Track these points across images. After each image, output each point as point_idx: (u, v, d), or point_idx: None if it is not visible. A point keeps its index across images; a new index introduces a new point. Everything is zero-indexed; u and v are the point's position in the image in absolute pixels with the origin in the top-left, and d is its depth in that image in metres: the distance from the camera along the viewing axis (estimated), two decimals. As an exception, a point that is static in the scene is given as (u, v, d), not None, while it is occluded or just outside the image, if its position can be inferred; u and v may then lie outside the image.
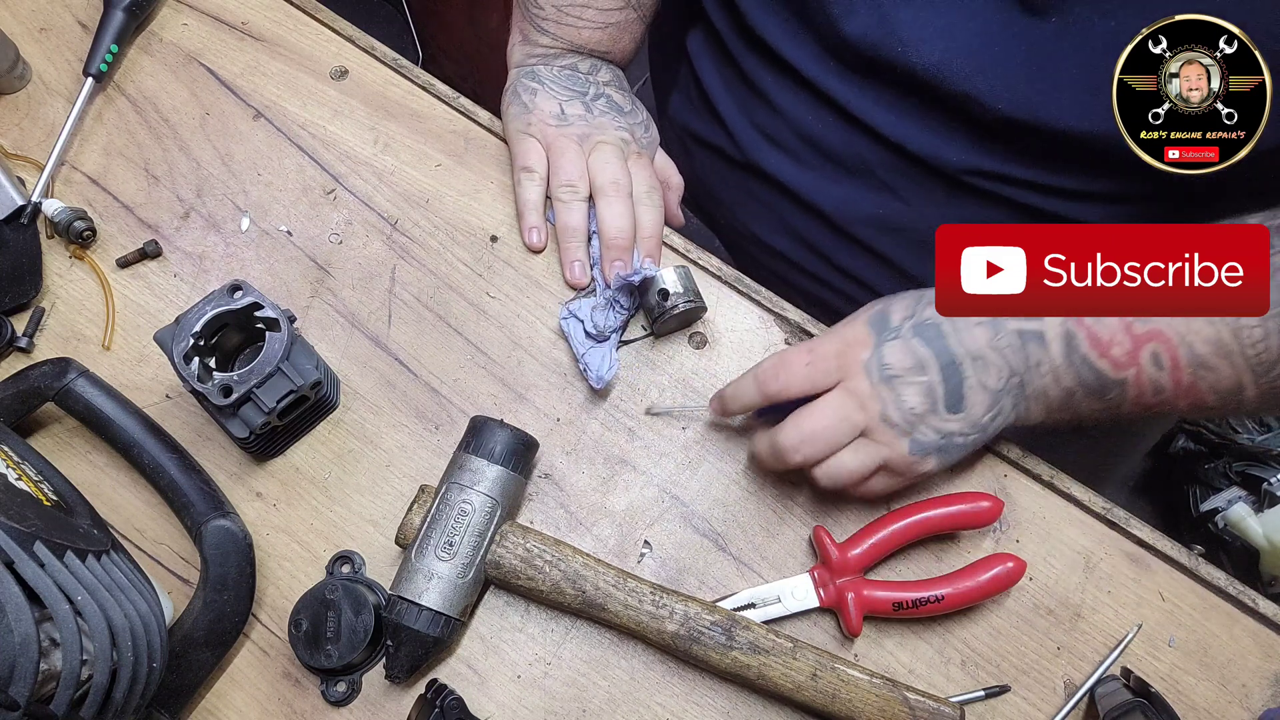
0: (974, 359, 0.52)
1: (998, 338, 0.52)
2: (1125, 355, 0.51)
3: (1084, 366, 0.52)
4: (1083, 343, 0.52)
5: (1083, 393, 0.53)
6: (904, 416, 0.52)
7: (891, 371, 0.52)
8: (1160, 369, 0.51)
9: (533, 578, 0.54)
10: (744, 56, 0.71)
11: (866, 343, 0.53)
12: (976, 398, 0.52)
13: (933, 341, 0.52)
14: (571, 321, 0.63)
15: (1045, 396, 0.54)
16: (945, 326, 0.53)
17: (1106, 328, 0.51)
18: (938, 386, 0.52)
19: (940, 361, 0.52)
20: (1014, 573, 0.54)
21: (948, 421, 0.52)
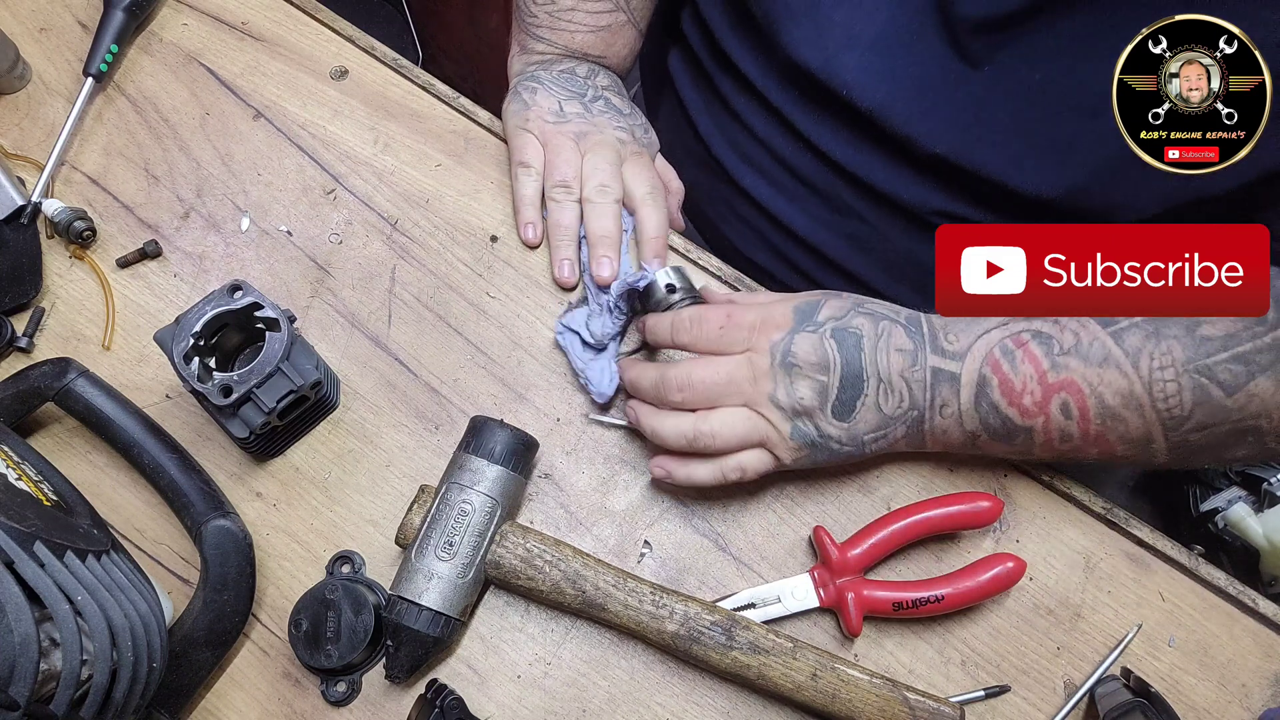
0: (880, 380, 0.53)
1: (912, 369, 0.53)
2: (1035, 404, 0.51)
3: (991, 413, 0.52)
4: (994, 389, 0.52)
5: (988, 436, 0.54)
6: (791, 403, 0.53)
7: (794, 361, 0.53)
8: (1069, 418, 0.51)
9: (533, 578, 0.54)
10: (719, 78, 0.73)
11: (783, 326, 0.54)
12: (866, 415, 0.53)
13: (847, 349, 0.53)
14: (568, 336, 0.62)
15: (945, 434, 0.54)
16: (866, 341, 0.53)
17: (1020, 375, 0.52)
18: (832, 390, 0.53)
19: (845, 370, 0.53)
20: (1014, 573, 0.54)
21: (830, 425, 0.53)
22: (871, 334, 0.53)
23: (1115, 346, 0.50)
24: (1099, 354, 0.50)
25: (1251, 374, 0.48)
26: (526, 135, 0.67)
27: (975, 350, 0.53)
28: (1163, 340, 0.50)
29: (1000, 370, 0.52)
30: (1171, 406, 0.50)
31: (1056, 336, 0.52)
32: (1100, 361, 0.50)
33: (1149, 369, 0.50)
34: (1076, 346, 0.51)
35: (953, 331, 0.54)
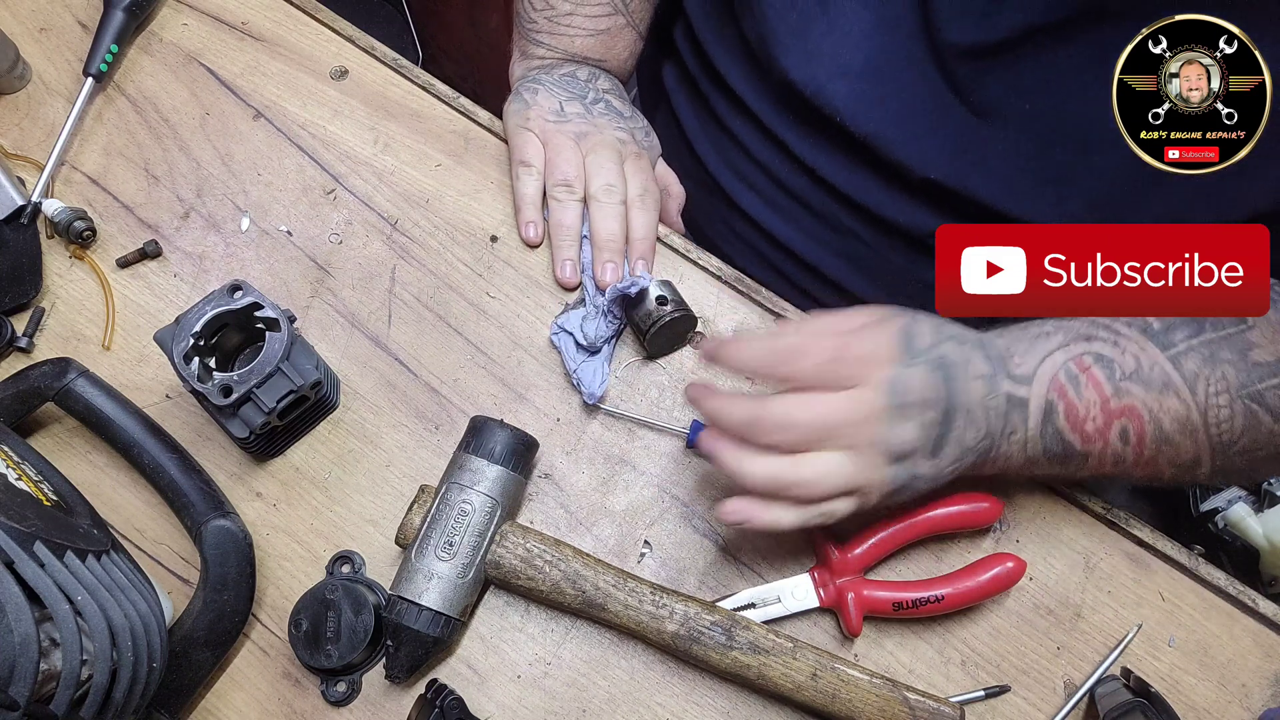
0: (967, 412, 0.49)
1: (990, 397, 0.50)
2: (1096, 430, 0.50)
3: (1054, 438, 0.51)
4: (1060, 416, 0.50)
5: (1045, 460, 0.52)
6: (899, 448, 0.48)
7: (907, 400, 0.48)
8: (1126, 444, 0.51)
9: (533, 578, 0.54)
10: (714, 99, 0.74)
11: (895, 359, 0.49)
12: (951, 450, 0.50)
13: (948, 382, 0.49)
14: (562, 336, 0.62)
15: (1007, 461, 0.52)
16: (957, 370, 0.49)
17: (1085, 401, 0.50)
18: (933, 429, 0.49)
19: (945, 405, 0.49)
20: (1014, 573, 0.54)
21: (923, 464, 0.49)
22: (961, 362, 0.50)
23: (1174, 372, 0.50)
24: (1159, 380, 0.50)
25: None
26: (527, 134, 0.67)
27: (1042, 374, 0.51)
28: (1218, 365, 0.49)
29: (1066, 396, 0.50)
30: (1223, 431, 0.50)
31: (1118, 360, 0.50)
32: (1161, 388, 0.50)
33: (1205, 395, 0.49)
34: (1138, 372, 0.50)
35: (1018, 353, 0.51)
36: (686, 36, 0.75)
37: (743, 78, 0.69)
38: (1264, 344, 0.50)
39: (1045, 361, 0.51)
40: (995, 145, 0.58)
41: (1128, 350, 0.51)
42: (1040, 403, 0.50)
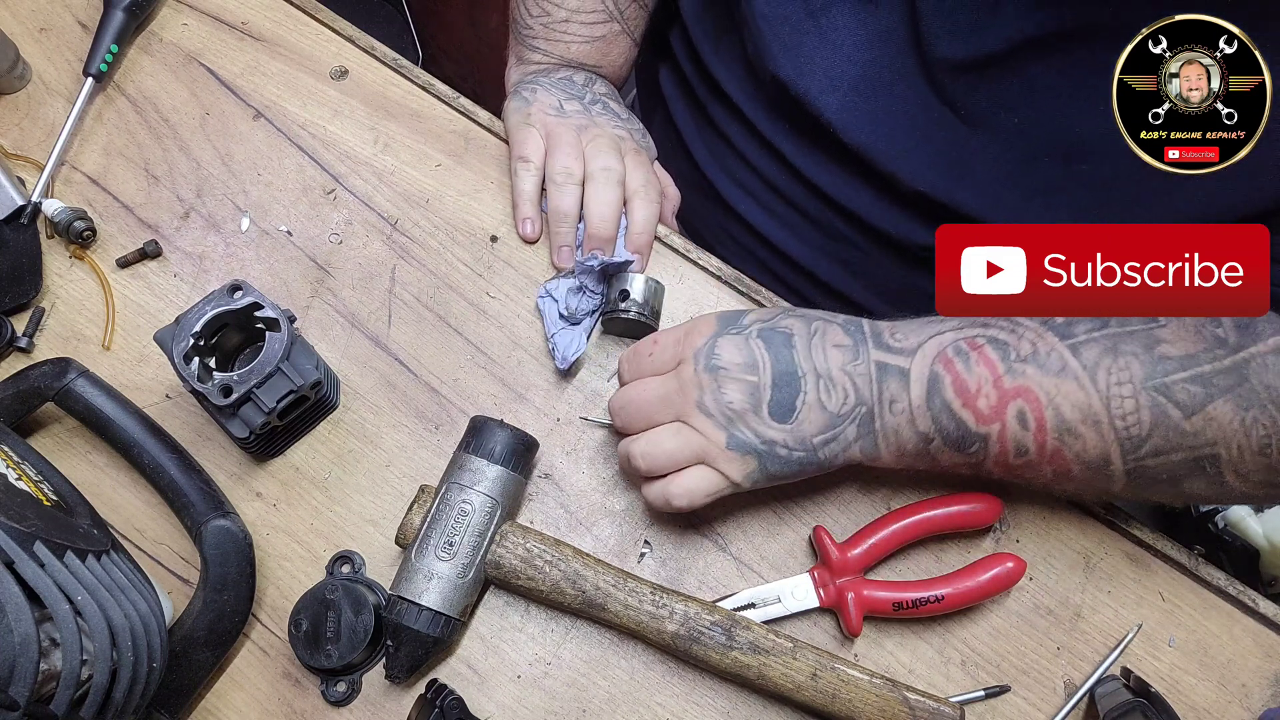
0: (819, 376, 0.50)
1: (854, 364, 0.51)
2: (990, 409, 0.49)
3: (945, 413, 0.50)
4: (947, 387, 0.50)
5: (941, 441, 0.51)
6: (720, 408, 0.50)
7: (718, 363, 0.51)
8: (1025, 428, 0.49)
9: (533, 578, 0.54)
10: (710, 105, 0.74)
11: (707, 332, 0.52)
12: (811, 415, 0.50)
13: (776, 347, 0.51)
14: (547, 301, 0.63)
15: (898, 436, 0.51)
16: (798, 339, 0.51)
17: (975, 376, 0.49)
18: (765, 390, 0.50)
19: (776, 368, 0.50)
20: (1014, 573, 0.54)
21: (769, 427, 0.50)
22: (803, 332, 0.52)
23: (1073, 358, 0.49)
24: (1056, 364, 0.49)
25: (1210, 396, 0.47)
26: (528, 129, 0.67)
27: (926, 349, 0.51)
28: (1120, 356, 0.48)
29: (953, 369, 0.50)
30: (1130, 425, 0.48)
31: (1013, 344, 0.50)
32: (1058, 371, 0.49)
33: (1106, 384, 0.48)
34: (1034, 355, 0.49)
35: (900, 331, 0.52)
36: (683, 43, 0.75)
37: (739, 85, 0.69)
38: (1173, 340, 0.48)
39: (932, 339, 0.51)
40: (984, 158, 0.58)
41: (1024, 336, 0.50)
42: (924, 373, 0.50)
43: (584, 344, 0.61)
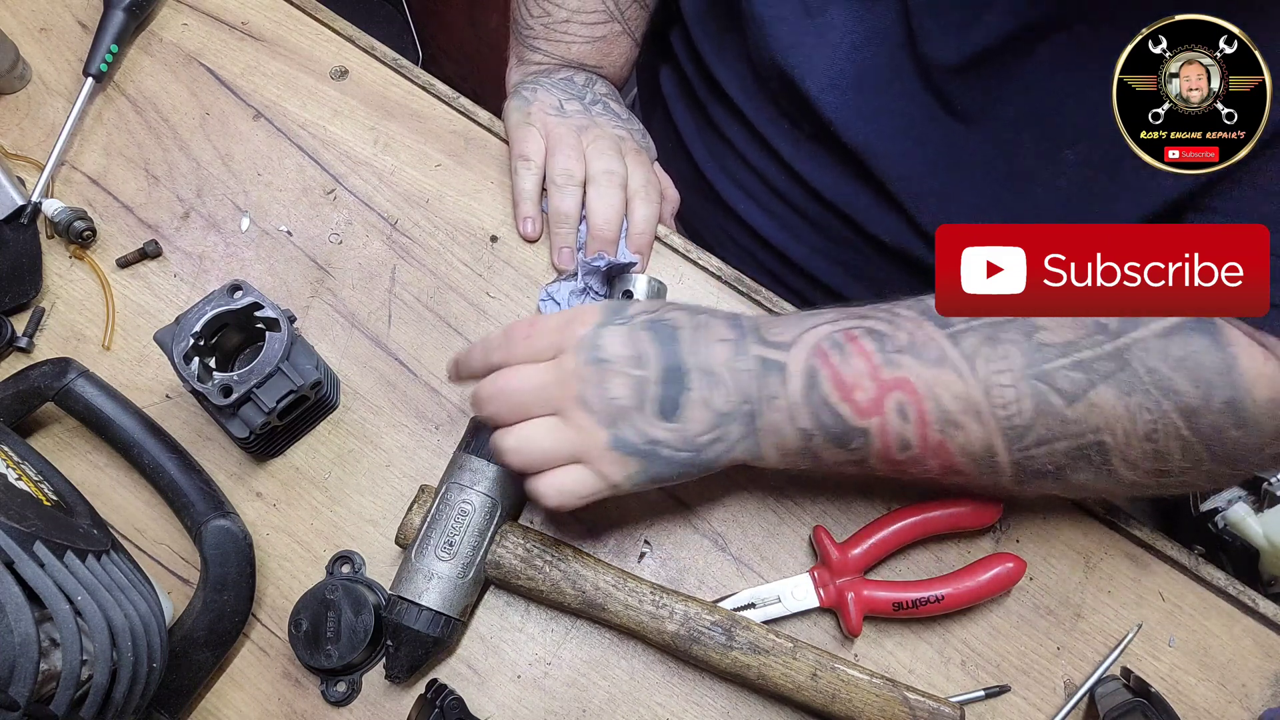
0: (704, 373, 0.48)
1: (737, 359, 0.48)
2: (869, 402, 0.48)
3: (824, 408, 0.48)
4: (824, 382, 0.48)
5: (823, 437, 0.49)
6: (604, 404, 0.47)
7: (603, 355, 0.47)
8: (906, 421, 0.48)
9: (533, 578, 0.54)
10: (710, 105, 0.74)
11: (590, 321, 0.49)
12: (695, 413, 0.48)
13: (663, 341, 0.48)
14: (549, 304, 0.63)
15: (779, 434, 0.49)
16: (684, 333, 0.49)
17: (852, 369, 0.48)
18: (652, 386, 0.47)
19: (663, 363, 0.48)
20: (1014, 573, 0.54)
21: (654, 427, 0.48)
22: (688, 325, 0.49)
23: (951, 348, 0.48)
24: (934, 354, 0.47)
25: (1092, 382, 0.46)
26: (529, 128, 0.67)
27: (803, 341, 0.49)
28: (999, 344, 0.47)
29: (829, 362, 0.48)
30: (1011, 415, 0.47)
31: (890, 334, 0.49)
32: (935, 362, 0.47)
33: (986, 372, 0.47)
34: (911, 345, 0.48)
35: (778, 325, 0.50)
36: (684, 43, 0.75)
37: (740, 86, 0.69)
38: (1052, 328, 0.48)
39: (808, 332, 0.50)
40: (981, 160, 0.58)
41: (902, 327, 0.49)
42: (801, 367, 0.48)
43: None
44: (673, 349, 0.48)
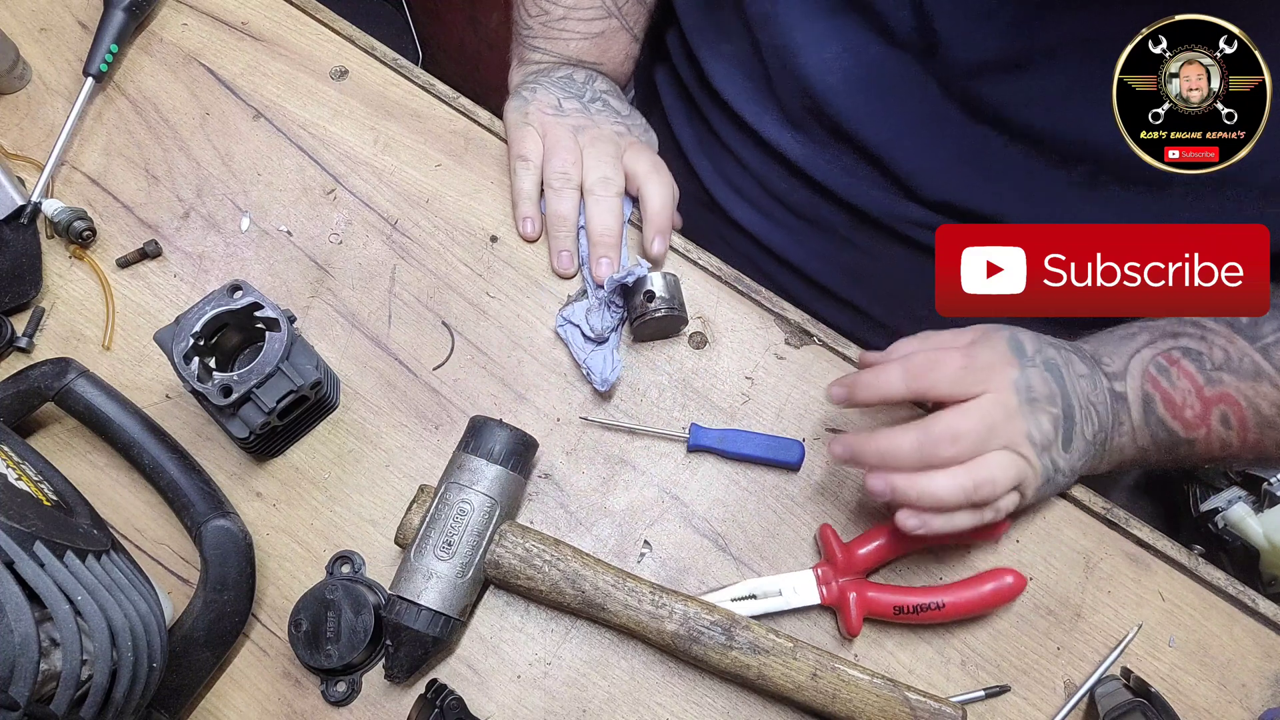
0: (1081, 408, 0.53)
1: (1094, 393, 0.54)
2: (1196, 417, 0.54)
3: (1159, 428, 0.54)
4: (1159, 405, 0.54)
5: (1155, 450, 0.55)
6: (1041, 438, 0.52)
7: (1035, 395, 0.51)
8: (1229, 429, 0.54)
9: (532, 578, 0.54)
10: (709, 110, 0.74)
11: (1013, 363, 0.52)
12: (1079, 444, 0.53)
13: (1059, 380, 0.53)
14: (568, 328, 0.63)
15: (1121, 453, 0.55)
16: (1063, 370, 0.53)
17: (1180, 391, 0.54)
18: (1061, 421, 0.52)
19: (1063, 400, 0.52)
20: (1015, 588, 0.54)
21: (1061, 457, 0.53)
22: (1064, 364, 0.53)
23: (1265, 362, 0.53)
24: (1250, 369, 0.53)
25: None
26: (526, 129, 0.67)
27: (1132, 369, 0.55)
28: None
29: (1160, 387, 0.54)
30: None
31: (1206, 353, 0.54)
32: (1253, 375, 0.53)
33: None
34: (1227, 362, 0.53)
35: (1105, 353, 0.55)
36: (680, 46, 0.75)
37: (740, 92, 0.69)
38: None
39: (1134, 359, 0.55)
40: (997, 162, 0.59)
41: (1215, 344, 0.54)
42: (1138, 395, 0.54)
43: (619, 361, 0.61)
44: (1064, 388, 0.53)
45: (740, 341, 0.64)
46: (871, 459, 0.51)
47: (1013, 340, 0.53)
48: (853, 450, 0.52)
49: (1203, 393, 0.54)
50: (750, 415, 0.62)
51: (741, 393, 0.62)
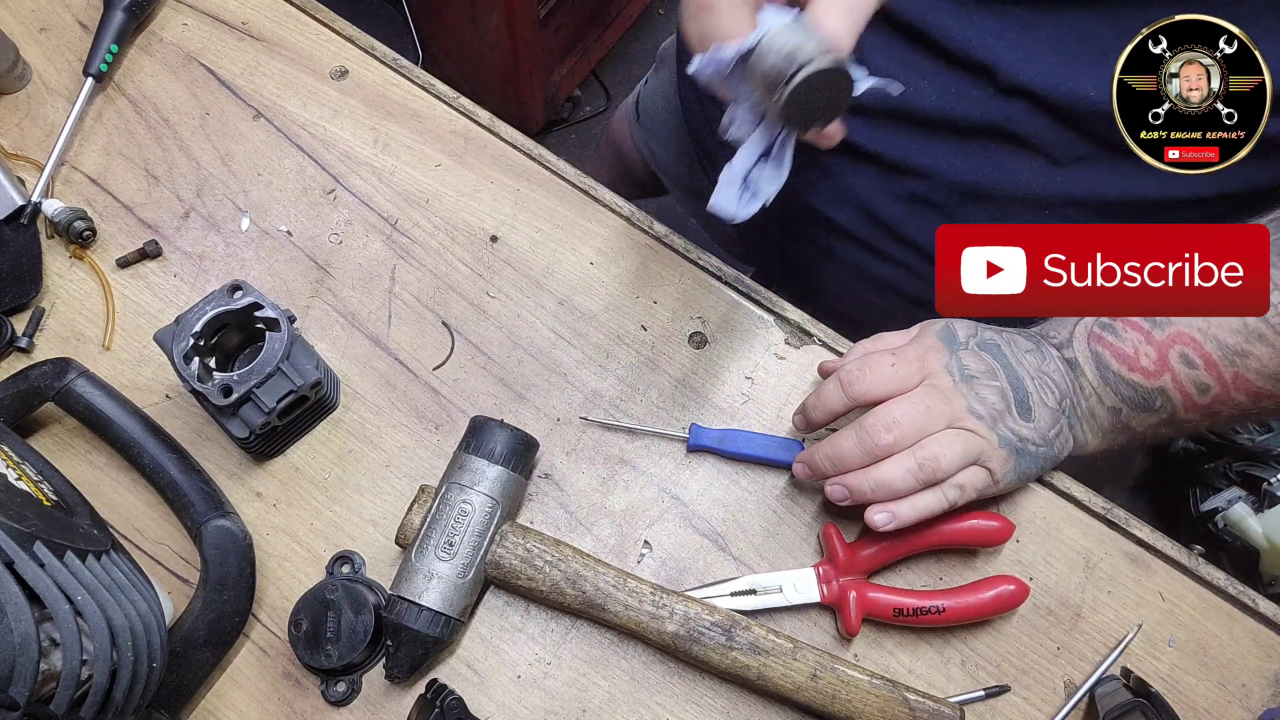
0: (1032, 378, 0.54)
1: (1045, 363, 0.55)
2: (1154, 364, 0.53)
3: (1121, 384, 0.54)
4: (1111, 361, 0.54)
5: (1129, 409, 0.54)
6: (987, 410, 0.53)
7: (970, 372, 0.53)
8: (1193, 368, 0.52)
9: (533, 578, 0.54)
10: None
11: (942, 350, 0.54)
12: (1041, 412, 0.54)
13: (997, 356, 0.54)
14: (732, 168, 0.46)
15: (1094, 416, 0.55)
16: (1005, 347, 0.55)
17: (1128, 342, 0.53)
18: (1009, 392, 0.53)
19: (1006, 373, 0.54)
20: (1017, 596, 0.54)
21: (1021, 426, 0.53)
22: (1004, 342, 0.55)
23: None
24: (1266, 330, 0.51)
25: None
26: None
27: (1077, 334, 0.55)
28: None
29: (1107, 343, 0.54)
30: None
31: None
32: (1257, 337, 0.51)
33: None
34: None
35: (1050, 329, 0.57)
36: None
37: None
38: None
39: (1078, 325, 0.56)
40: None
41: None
42: (1088, 357, 0.55)
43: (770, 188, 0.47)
44: (1005, 360, 0.54)
45: (740, 341, 0.64)
46: (824, 466, 0.54)
47: (945, 330, 0.56)
48: (808, 464, 0.55)
49: (1152, 337, 0.53)
50: (750, 415, 0.62)
51: (741, 393, 0.62)
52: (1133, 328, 0.53)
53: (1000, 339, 0.55)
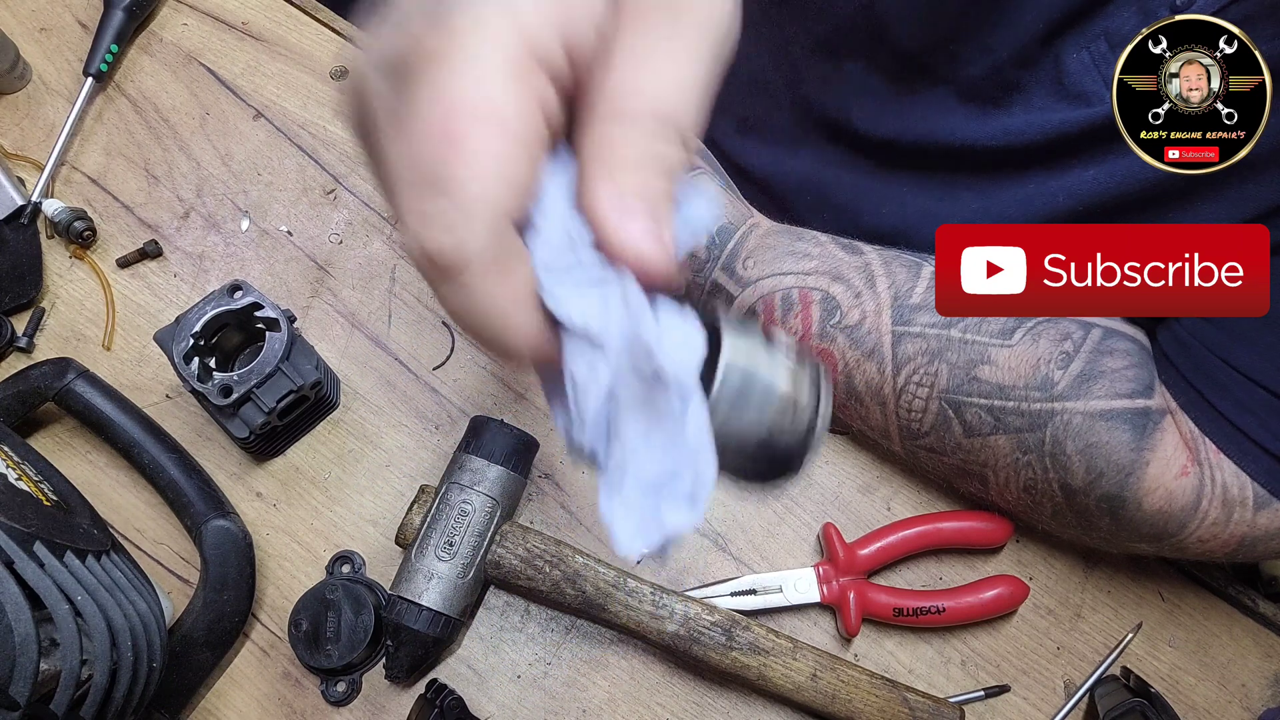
0: None
1: (695, 277, 0.53)
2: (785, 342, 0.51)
3: (746, 311, 0.53)
4: (758, 321, 0.53)
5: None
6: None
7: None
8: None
9: (533, 578, 0.54)
10: None
11: None
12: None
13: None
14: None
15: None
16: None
17: (789, 328, 0.52)
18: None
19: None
20: (1016, 596, 0.54)
21: None
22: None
23: (889, 348, 0.50)
24: (870, 345, 0.51)
25: (996, 429, 0.49)
26: None
27: (761, 284, 0.52)
28: (936, 362, 0.50)
29: (771, 314, 0.52)
30: (913, 418, 0.51)
31: (844, 309, 0.51)
32: (867, 353, 0.51)
33: (907, 379, 0.50)
34: (854, 328, 0.51)
35: (755, 258, 0.52)
36: None
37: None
38: (1003, 365, 0.49)
39: (773, 277, 0.52)
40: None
41: (861, 307, 0.51)
42: (745, 305, 0.53)
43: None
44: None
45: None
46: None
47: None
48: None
49: (808, 340, 0.52)
50: (750, 415, 0.61)
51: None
52: (804, 321, 0.52)
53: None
